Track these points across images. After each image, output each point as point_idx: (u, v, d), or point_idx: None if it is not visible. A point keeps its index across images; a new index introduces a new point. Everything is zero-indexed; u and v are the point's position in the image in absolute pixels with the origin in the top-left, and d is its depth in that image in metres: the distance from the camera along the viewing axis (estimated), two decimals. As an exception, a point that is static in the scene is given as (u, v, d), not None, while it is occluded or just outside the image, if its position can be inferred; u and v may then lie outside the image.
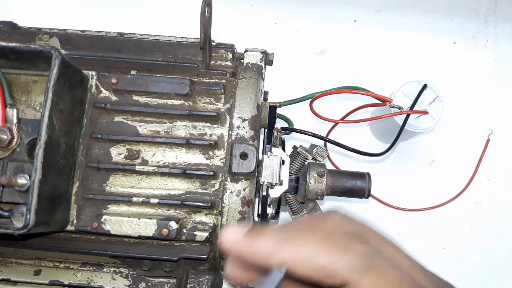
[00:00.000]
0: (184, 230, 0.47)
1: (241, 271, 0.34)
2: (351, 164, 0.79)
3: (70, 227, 0.46)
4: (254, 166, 0.46)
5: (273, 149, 0.51)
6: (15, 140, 0.44)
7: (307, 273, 0.30)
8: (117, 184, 0.48)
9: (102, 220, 0.45)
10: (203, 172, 0.47)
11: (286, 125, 0.60)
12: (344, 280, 0.29)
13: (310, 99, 0.62)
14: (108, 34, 0.53)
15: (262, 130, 0.54)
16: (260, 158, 0.49)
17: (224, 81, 0.50)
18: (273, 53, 0.55)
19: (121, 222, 0.45)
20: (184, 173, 0.47)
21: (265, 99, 0.60)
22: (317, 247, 0.30)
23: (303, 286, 0.32)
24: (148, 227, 0.45)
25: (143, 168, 0.47)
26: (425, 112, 0.66)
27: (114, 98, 0.49)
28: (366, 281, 0.29)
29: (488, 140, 0.80)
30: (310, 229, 0.32)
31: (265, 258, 0.31)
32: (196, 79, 0.50)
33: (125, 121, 0.48)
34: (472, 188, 0.79)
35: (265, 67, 0.54)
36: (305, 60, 0.84)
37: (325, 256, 0.29)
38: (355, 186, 0.55)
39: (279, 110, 0.56)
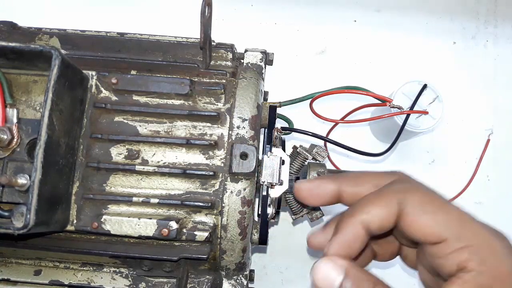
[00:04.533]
0: (184, 230, 0.47)
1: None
2: (351, 164, 0.79)
3: (70, 227, 0.46)
4: (254, 166, 0.46)
5: (273, 149, 0.51)
6: (15, 140, 0.44)
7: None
8: (117, 184, 0.48)
9: (102, 220, 0.45)
10: (203, 172, 0.47)
11: (286, 125, 0.60)
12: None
13: (310, 99, 0.62)
14: (108, 34, 0.54)
15: (262, 130, 0.54)
16: (260, 158, 0.49)
17: (224, 81, 0.50)
18: (273, 53, 0.55)
19: (121, 222, 0.45)
20: (184, 173, 0.47)
21: (265, 99, 0.60)
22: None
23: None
24: (148, 227, 0.45)
25: (143, 168, 0.47)
26: (425, 112, 0.66)
27: (114, 98, 0.49)
28: (411, 198, 0.37)
29: (488, 140, 0.80)
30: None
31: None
32: (196, 79, 0.50)
33: (125, 121, 0.48)
34: (472, 188, 0.79)
35: (265, 67, 0.54)
36: (305, 60, 0.84)
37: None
38: (355, 186, 0.55)
39: (279, 110, 0.56)
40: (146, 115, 0.48)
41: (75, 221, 0.46)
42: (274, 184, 0.49)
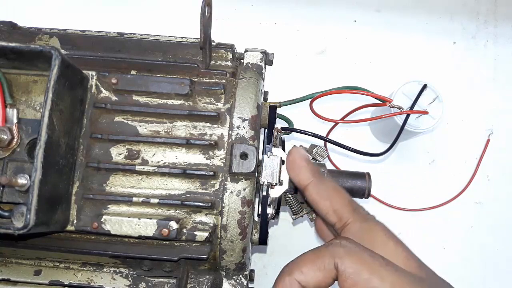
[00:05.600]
0: (184, 230, 0.47)
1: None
2: (351, 164, 0.79)
3: (70, 227, 0.46)
4: (254, 166, 0.46)
5: (273, 149, 0.51)
6: (15, 140, 0.44)
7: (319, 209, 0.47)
8: (117, 184, 0.48)
9: (102, 220, 0.45)
10: (203, 172, 0.47)
11: (286, 125, 0.60)
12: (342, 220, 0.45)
13: (310, 99, 0.62)
14: (108, 34, 0.54)
15: (262, 130, 0.54)
16: (260, 158, 0.49)
17: (224, 81, 0.50)
18: (273, 53, 0.55)
19: (121, 222, 0.45)
20: (184, 173, 0.47)
21: (265, 99, 0.60)
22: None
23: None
24: (148, 227, 0.45)
25: (143, 168, 0.47)
26: (425, 112, 0.66)
27: (114, 98, 0.49)
28: (348, 264, 0.39)
29: (488, 140, 0.80)
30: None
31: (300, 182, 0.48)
32: (196, 79, 0.50)
33: (125, 121, 0.48)
34: (472, 188, 0.79)
35: (265, 67, 0.54)
36: (305, 60, 0.84)
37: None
38: (355, 186, 0.55)
39: (279, 110, 0.56)
40: (146, 115, 0.48)
41: (75, 221, 0.46)
42: (274, 184, 0.49)
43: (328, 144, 0.74)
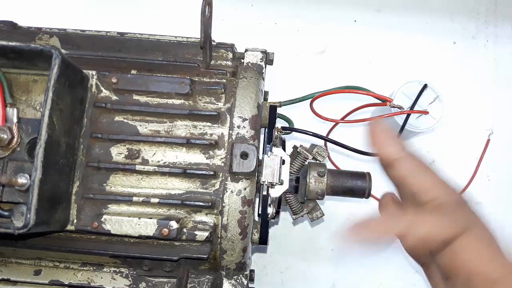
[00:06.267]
0: (185, 230, 0.47)
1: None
2: (351, 164, 0.79)
3: (70, 227, 0.46)
4: (254, 166, 0.46)
5: (274, 148, 0.51)
6: (15, 139, 0.44)
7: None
8: (117, 183, 0.47)
9: (102, 219, 0.45)
10: (204, 172, 0.47)
11: (286, 124, 0.60)
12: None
13: (310, 99, 0.62)
14: (108, 34, 0.54)
15: (263, 129, 0.54)
16: (260, 157, 0.49)
17: (224, 80, 0.50)
18: (273, 53, 0.55)
19: (121, 222, 0.45)
20: (184, 172, 0.47)
21: (265, 99, 0.60)
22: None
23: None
24: (148, 227, 0.45)
25: (144, 168, 0.47)
26: (426, 112, 0.66)
27: (114, 97, 0.49)
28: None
29: (488, 140, 0.80)
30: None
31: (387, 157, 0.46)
32: (196, 79, 0.50)
33: (125, 120, 0.48)
34: (472, 188, 0.79)
35: (265, 67, 0.54)
36: (305, 60, 0.84)
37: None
38: (356, 186, 0.55)
39: (279, 110, 0.56)
40: (146, 114, 0.48)
41: (75, 221, 0.46)
42: (274, 183, 0.49)
43: (328, 143, 0.74)
